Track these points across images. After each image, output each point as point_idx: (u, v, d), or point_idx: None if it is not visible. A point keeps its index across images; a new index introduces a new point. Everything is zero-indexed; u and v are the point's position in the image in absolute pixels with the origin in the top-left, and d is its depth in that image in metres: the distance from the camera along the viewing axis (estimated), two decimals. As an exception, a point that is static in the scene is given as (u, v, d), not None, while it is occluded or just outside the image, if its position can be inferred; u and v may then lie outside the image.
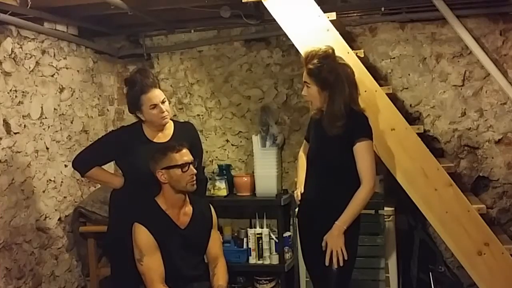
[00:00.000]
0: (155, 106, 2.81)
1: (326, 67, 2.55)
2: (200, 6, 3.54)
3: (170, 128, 2.96)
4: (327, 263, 2.53)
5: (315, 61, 2.56)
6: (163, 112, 2.84)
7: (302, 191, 2.78)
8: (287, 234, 3.85)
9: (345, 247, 2.52)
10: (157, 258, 2.68)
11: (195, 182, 2.73)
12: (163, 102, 2.84)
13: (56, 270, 3.59)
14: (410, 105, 3.76)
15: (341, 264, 2.51)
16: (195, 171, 2.72)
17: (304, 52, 2.67)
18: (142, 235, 2.68)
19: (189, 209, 2.81)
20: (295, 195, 2.86)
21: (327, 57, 2.58)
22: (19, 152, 3.32)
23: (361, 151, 2.55)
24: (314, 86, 2.59)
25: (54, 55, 3.67)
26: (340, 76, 2.56)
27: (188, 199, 2.83)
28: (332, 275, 2.55)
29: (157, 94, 2.84)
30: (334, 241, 2.52)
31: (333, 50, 2.61)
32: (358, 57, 3.12)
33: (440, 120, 3.72)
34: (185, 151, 2.74)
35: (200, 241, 2.83)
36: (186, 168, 2.69)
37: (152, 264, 2.67)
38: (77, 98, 3.89)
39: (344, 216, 2.53)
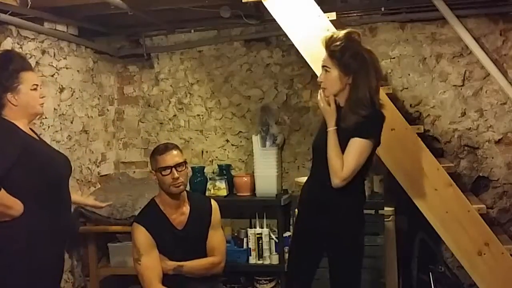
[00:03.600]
0: (36, 87, 2.39)
1: (350, 51, 2.38)
2: (200, 6, 3.54)
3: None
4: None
5: (338, 43, 2.38)
6: (44, 96, 2.47)
7: None
8: (287, 234, 3.85)
9: (351, 246, 2.47)
10: (155, 257, 2.68)
11: (179, 185, 2.72)
12: (41, 88, 2.45)
13: (56, 270, 3.58)
14: (410, 105, 3.76)
15: None
16: (176, 175, 2.69)
17: (326, 35, 2.47)
18: (140, 235, 2.68)
19: (186, 208, 2.81)
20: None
21: (352, 41, 2.40)
22: (19, 152, 3.31)
23: (351, 145, 2.37)
24: (335, 70, 2.39)
25: (54, 55, 3.66)
26: (366, 60, 2.38)
27: (186, 198, 2.83)
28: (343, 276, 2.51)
29: (38, 77, 2.51)
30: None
31: (359, 35, 2.45)
32: (358, 57, 3.12)
33: (440, 120, 3.72)
34: (171, 153, 2.73)
35: (198, 241, 2.82)
36: (167, 172, 2.69)
37: (149, 263, 2.66)
38: (77, 98, 3.89)
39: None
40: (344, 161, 2.36)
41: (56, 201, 2.36)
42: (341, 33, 2.43)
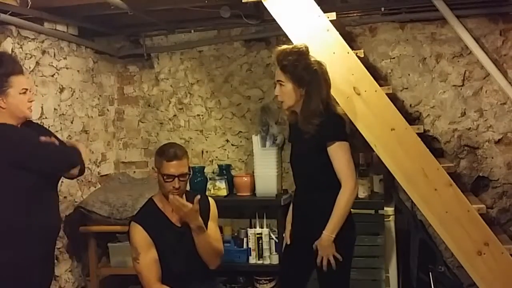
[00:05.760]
0: (26, 91, 2.41)
1: (302, 64, 2.53)
2: (200, 6, 3.54)
3: None
4: (324, 268, 2.52)
5: (290, 58, 2.53)
6: (32, 100, 2.48)
7: (290, 228, 2.75)
8: (287, 234, 3.85)
9: (339, 250, 2.51)
10: (153, 256, 2.68)
11: (178, 193, 2.70)
12: (30, 91, 2.48)
13: (56, 270, 3.57)
14: (410, 105, 3.76)
15: (334, 267, 2.50)
16: (177, 185, 2.68)
17: (276, 50, 2.62)
18: (137, 234, 2.68)
19: None
20: (284, 237, 2.83)
21: (302, 54, 2.55)
22: (19, 152, 3.31)
23: (335, 152, 2.51)
24: (289, 84, 2.55)
25: (54, 55, 3.66)
26: (317, 73, 2.53)
27: (184, 197, 2.83)
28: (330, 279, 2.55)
29: (28, 81, 2.53)
30: (324, 250, 2.51)
31: (307, 48, 2.58)
32: (358, 57, 3.12)
33: (440, 120, 3.72)
34: (179, 163, 2.69)
35: None
36: (170, 179, 2.69)
37: (148, 262, 2.66)
38: (77, 98, 3.89)
39: (330, 225, 2.50)
40: (340, 174, 2.51)
41: (43, 201, 2.42)
42: (292, 48, 2.57)
